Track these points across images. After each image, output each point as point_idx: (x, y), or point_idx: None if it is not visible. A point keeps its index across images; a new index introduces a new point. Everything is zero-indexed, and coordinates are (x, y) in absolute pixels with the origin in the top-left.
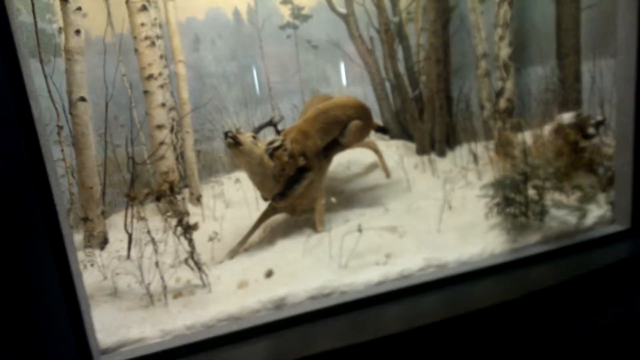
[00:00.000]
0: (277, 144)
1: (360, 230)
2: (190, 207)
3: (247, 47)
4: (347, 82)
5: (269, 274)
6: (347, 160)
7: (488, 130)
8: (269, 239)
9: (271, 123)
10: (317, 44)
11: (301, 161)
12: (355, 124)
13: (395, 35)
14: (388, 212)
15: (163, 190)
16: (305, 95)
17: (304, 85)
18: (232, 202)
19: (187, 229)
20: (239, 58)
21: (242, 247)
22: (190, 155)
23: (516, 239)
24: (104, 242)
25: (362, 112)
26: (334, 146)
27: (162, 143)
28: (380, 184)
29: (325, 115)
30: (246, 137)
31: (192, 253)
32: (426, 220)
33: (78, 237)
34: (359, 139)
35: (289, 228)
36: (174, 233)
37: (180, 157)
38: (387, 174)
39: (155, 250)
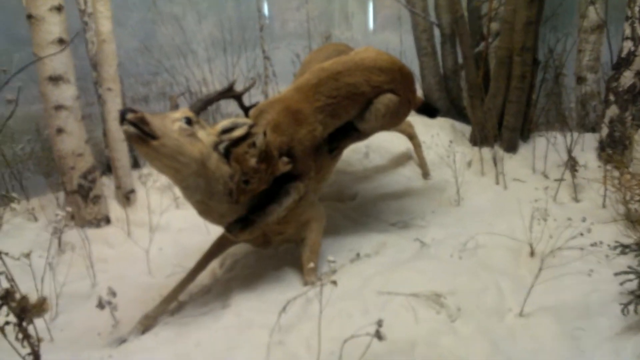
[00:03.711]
0: (238, 133)
1: (379, 335)
2: (115, 208)
3: None
4: (375, 25)
5: None
6: (366, 145)
7: (584, 116)
8: (224, 285)
9: (230, 92)
10: None
11: (283, 165)
12: (386, 100)
13: None
14: (425, 250)
15: None
16: (315, 41)
17: (313, 24)
18: None
19: (22, 316)
20: None
21: (167, 306)
22: (115, 127)
23: None
24: None
25: (400, 79)
26: (347, 133)
27: (59, 107)
28: (413, 187)
29: (334, 83)
30: (168, 122)
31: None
32: (494, 281)
33: None
34: (390, 124)
35: (259, 262)
36: None
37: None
38: (425, 173)
39: None
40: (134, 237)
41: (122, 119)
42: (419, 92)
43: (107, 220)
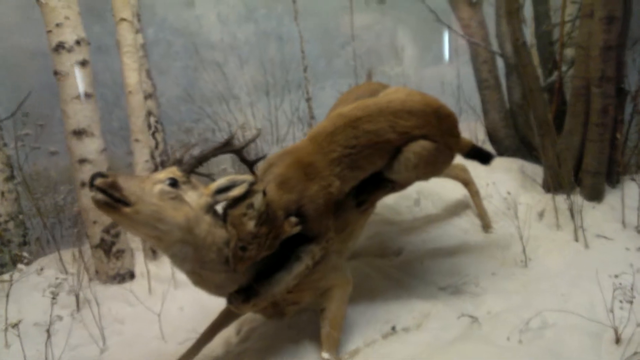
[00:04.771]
0: (235, 192)
1: None
2: (142, 262)
3: (271, 2)
4: (429, 57)
5: None
6: (417, 190)
7: None
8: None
9: (228, 146)
10: None
11: (290, 227)
12: (418, 147)
13: None
14: (476, 329)
15: None
16: (362, 79)
17: (359, 62)
18: None
19: None
20: (258, 18)
21: None
22: None
23: None
24: None
25: (435, 123)
26: (377, 185)
27: (83, 161)
28: (470, 243)
29: (352, 131)
30: (147, 185)
31: None
32: None
33: None
34: (427, 174)
35: (278, 332)
36: None
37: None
38: (486, 225)
39: None
40: (156, 294)
41: (91, 185)
42: (481, 129)
43: (132, 276)
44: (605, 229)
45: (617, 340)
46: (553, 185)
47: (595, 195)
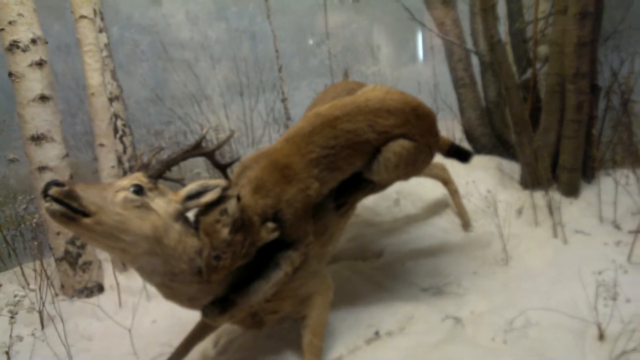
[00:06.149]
0: (207, 198)
1: None
2: (109, 276)
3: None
4: (405, 56)
5: None
6: (396, 190)
7: None
8: None
9: (198, 149)
10: None
11: (267, 233)
12: (397, 147)
13: None
14: (460, 330)
15: None
16: (338, 78)
17: (335, 61)
18: None
19: None
20: (229, 17)
21: None
22: None
23: None
24: None
25: (414, 121)
26: (356, 186)
27: (43, 168)
28: (450, 242)
29: (330, 131)
30: (109, 193)
31: None
32: None
33: None
34: (407, 173)
35: (257, 342)
36: None
37: None
38: (466, 223)
39: None
40: (127, 307)
41: (45, 195)
42: (458, 128)
43: (100, 289)
44: (583, 224)
45: (601, 337)
46: (531, 182)
47: (572, 191)
